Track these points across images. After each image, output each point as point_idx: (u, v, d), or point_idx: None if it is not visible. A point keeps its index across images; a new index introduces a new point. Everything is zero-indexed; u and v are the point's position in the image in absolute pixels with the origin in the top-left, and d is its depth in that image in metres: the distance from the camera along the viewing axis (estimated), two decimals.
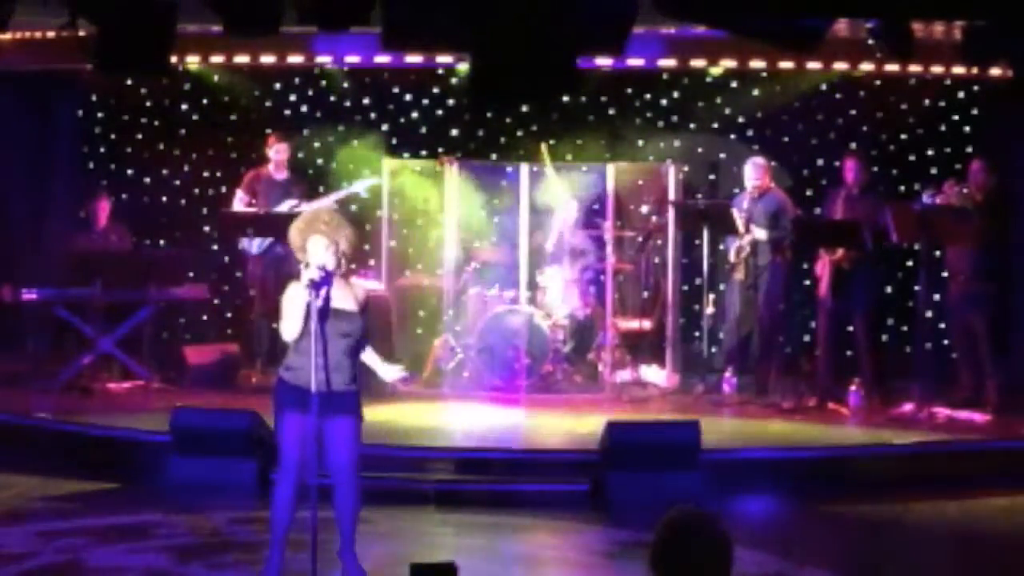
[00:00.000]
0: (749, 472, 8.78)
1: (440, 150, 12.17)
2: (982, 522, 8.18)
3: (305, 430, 6.32)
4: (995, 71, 10.30)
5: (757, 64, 11.59)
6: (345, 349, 6.40)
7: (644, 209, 11.97)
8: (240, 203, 11.37)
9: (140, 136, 12.69)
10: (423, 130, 12.42)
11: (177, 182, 12.65)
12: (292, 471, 6.38)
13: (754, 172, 10.75)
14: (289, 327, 6.38)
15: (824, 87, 12.12)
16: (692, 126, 12.34)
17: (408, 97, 12.53)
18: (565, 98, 11.13)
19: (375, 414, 7.65)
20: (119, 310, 11.05)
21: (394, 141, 12.39)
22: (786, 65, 11.52)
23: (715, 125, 12.35)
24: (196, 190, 12.70)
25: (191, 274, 11.75)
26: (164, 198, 12.69)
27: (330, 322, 6.32)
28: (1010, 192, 10.66)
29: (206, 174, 12.68)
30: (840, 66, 11.50)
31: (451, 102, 12.41)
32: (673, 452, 8.46)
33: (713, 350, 11.37)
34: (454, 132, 12.39)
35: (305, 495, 6.24)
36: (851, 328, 10.85)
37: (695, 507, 3.56)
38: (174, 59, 10.80)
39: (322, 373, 6.26)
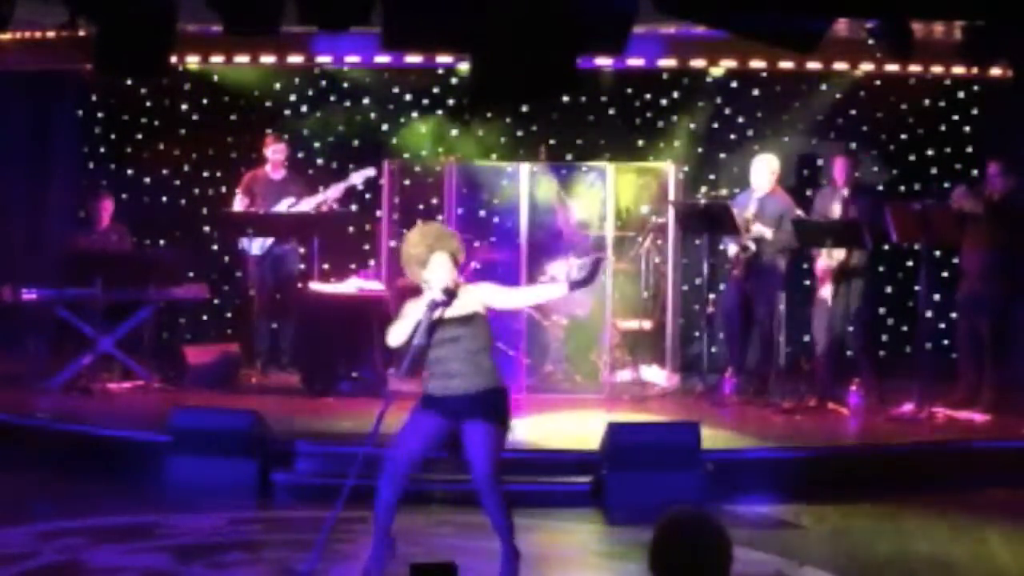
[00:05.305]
0: (749, 472, 8.78)
1: (440, 150, 12.19)
2: (982, 522, 8.16)
3: (420, 432, 6.52)
4: (995, 71, 10.29)
5: (757, 64, 11.57)
6: (466, 353, 6.46)
7: (644, 209, 11.97)
8: (240, 205, 11.39)
9: (140, 136, 12.70)
10: (423, 130, 12.42)
11: (177, 182, 12.66)
12: (389, 467, 6.53)
13: (764, 171, 10.70)
14: (395, 334, 6.52)
15: (824, 87, 12.12)
16: (692, 126, 12.33)
17: (408, 97, 12.53)
18: (565, 98, 11.13)
19: (374, 415, 7.62)
20: (119, 310, 11.04)
21: (394, 141, 12.39)
22: (786, 65, 11.51)
23: (715, 125, 12.35)
24: (196, 190, 12.70)
25: (191, 274, 11.76)
26: (164, 198, 12.70)
27: (442, 331, 6.41)
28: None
29: (206, 174, 12.69)
30: (840, 66, 11.49)
31: (451, 102, 12.42)
32: (673, 452, 8.46)
33: (713, 350, 11.36)
34: (454, 132, 12.39)
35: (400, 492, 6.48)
36: (851, 328, 10.84)
37: (695, 507, 3.56)
38: (174, 59, 10.82)
39: (447, 381, 6.43)
